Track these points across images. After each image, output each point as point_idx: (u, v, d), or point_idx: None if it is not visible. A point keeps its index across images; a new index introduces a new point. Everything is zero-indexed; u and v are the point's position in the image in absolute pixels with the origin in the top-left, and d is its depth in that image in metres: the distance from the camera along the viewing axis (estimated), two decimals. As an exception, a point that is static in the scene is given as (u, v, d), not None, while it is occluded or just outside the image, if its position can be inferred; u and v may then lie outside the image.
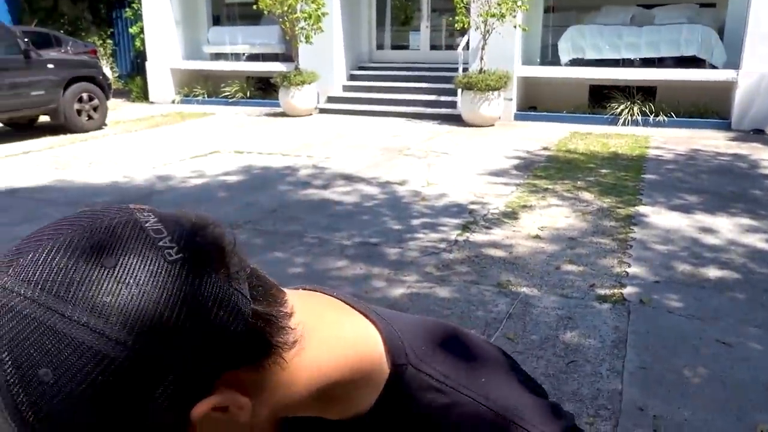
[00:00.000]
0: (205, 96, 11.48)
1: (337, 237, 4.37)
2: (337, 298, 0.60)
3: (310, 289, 0.61)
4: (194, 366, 0.42)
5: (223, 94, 11.29)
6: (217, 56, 12.07)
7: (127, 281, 0.40)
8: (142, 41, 12.17)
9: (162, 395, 0.41)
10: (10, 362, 0.39)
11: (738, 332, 3.02)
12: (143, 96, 12.17)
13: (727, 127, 8.38)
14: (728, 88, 8.49)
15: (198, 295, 0.42)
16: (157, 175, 6.20)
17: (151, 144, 7.93)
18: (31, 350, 0.38)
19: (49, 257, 0.41)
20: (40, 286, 0.39)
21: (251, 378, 0.47)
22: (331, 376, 0.53)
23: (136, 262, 0.41)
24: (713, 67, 8.70)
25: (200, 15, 12.34)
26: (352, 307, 0.59)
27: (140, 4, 11.88)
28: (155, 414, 0.41)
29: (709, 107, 8.76)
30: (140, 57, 12.80)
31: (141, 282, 0.41)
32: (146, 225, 0.44)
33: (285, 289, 0.54)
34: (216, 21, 12.78)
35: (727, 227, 4.50)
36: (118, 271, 0.41)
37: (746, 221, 4.63)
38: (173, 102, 11.67)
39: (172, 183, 5.92)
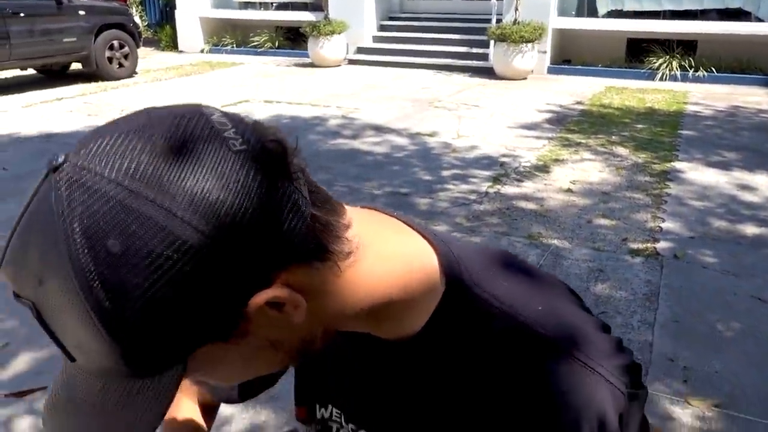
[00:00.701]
0: (234, 46, 11.41)
1: (367, 186, 4.37)
2: (396, 218, 0.60)
3: (369, 208, 0.61)
4: (252, 255, 0.43)
5: (252, 44, 11.20)
6: (246, 5, 11.92)
7: (192, 165, 0.42)
8: (171, -11, 12.07)
9: (219, 280, 0.42)
10: (80, 232, 0.40)
11: (774, 289, 2.97)
12: (172, 45, 12.15)
13: (770, 84, 8.07)
14: (774, 42, 8.13)
15: (260, 187, 0.43)
16: (187, 123, 6.22)
17: (180, 93, 7.94)
18: (100, 222, 0.40)
19: (118, 141, 0.42)
20: (109, 166, 0.41)
21: (306, 281, 0.48)
22: (385, 290, 0.53)
23: (202, 148, 0.43)
24: (759, 20, 8.32)
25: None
26: (410, 226, 0.59)
27: (169, -49, 11.74)
28: (211, 299, 0.43)
29: (752, 63, 8.40)
30: (169, 5, 12.71)
31: (206, 167, 0.42)
32: (212, 117, 0.45)
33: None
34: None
35: (766, 185, 4.38)
36: (185, 155, 0.42)
37: (787, 179, 4.50)
38: (202, 51, 11.62)
39: (203, 131, 5.94)
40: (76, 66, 8.88)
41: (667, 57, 8.45)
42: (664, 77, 8.35)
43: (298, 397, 0.73)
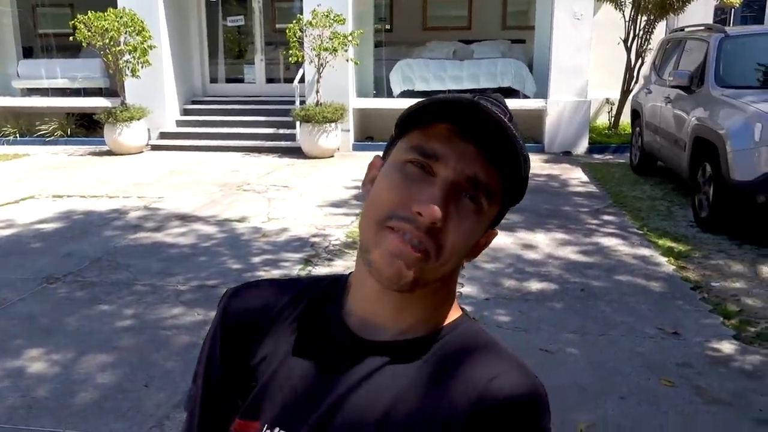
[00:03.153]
0: (17, 135, 10.38)
1: (171, 282, 4.13)
2: None
3: None
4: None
5: (39, 133, 10.29)
6: (30, 92, 11.00)
7: None
8: (-64, 76, 10.75)
9: None
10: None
11: (557, 339, 3.30)
12: (-61, 138, 10.70)
13: (542, 151, 9.29)
14: (540, 115, 9.43)
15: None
16: (-45, 228, 5.44)
17: (-51, 192, 6.97)
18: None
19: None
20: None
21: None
22: (452, 287, 0.82)
23: None
24: (526, 96, 9.62)
25: (7, 46, 11.21)
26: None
27: (-69, 35, 10.52)
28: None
29: (526, 133, 9.62)
30: (-66, 94, 11.27)
31: None
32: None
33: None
34: (28, 53, 11.68)
35: (544, 242, 4.94)
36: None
37: (560, 235, 5.12)
38: (-22, 143, 10.39)
39: (-25, 236, 5.23)
40: None
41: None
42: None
43: (252, 412, 0.76)
